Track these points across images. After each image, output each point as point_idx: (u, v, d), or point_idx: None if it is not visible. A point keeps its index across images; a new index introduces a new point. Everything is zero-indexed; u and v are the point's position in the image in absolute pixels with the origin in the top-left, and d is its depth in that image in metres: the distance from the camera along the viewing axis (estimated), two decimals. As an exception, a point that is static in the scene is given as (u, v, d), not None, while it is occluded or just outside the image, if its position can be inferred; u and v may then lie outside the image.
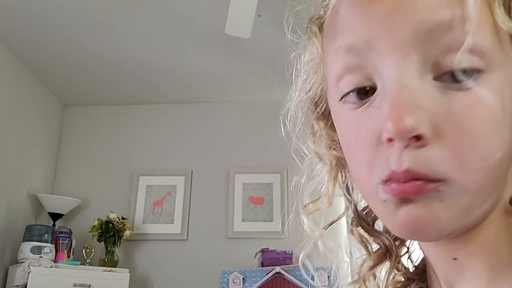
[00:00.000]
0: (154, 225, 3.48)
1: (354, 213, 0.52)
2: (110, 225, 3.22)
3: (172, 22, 2.82)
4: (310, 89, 0.48)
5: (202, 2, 2.65)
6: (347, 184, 0.51)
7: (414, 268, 0.51)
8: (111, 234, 3.21)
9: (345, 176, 0.51)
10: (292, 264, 3.03)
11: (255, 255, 3.21)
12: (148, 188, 3.57)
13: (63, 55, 3.16)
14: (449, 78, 0.34)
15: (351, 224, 0.52)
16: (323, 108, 0.48)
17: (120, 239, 3.25)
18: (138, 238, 3.42)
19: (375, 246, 0.51)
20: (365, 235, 0.51)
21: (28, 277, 2.69)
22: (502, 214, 0.39)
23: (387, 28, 0.35)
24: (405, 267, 0.51)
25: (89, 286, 2.87)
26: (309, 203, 0.53)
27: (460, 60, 0.33)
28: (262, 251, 3.13)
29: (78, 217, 3.46)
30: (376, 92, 0.37)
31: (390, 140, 0.34)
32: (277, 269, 2.95)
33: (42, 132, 3.50)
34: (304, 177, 0.54)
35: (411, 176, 0.34)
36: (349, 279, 0.52)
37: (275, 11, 2.68)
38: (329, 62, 0.42)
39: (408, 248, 0.52)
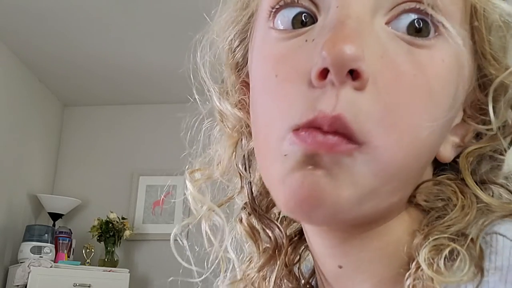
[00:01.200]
0: (154, 225, 3.48)
1: (248, 193, 0.42)
2: (110, 225, 3.22)
3: (172, 22, 2.82)
4: (233, 27, 0.40)
5: (202, 2, 2.64)
6: (244, 157, 0.42)
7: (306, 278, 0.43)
8: (111, 234, 3.21)
9: (246, 147, 0.42)
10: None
11: (255, 255, 3.21)
12: (148, 188, 3.56)
13: (63, 55, 3.16)
14: (404, 28, 0.30)
15: (242, 209, 0.43)
16: (239, 58, 0.41)
17: (120, 239, 3.25)
18: (138, 238, 3.41)
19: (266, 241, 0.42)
20: (257, 225, 0.42)
21: (28, 277, 2.69)
22: (406, 220, 0.33)
23: None
24: (299, 274, 0.42)
25: (89, 286, 2.87)
26: (199, 169, 0.45)
27: (423, 6, 0.29)
28: (262, 251, 3.13)
29: (78, 217, 3.46)
30: (314, 25, 0.31)
31: (322, 74, 0.28)
32: (277, 269, 2.95)
33: (42, 132, 3.49)
34: (200, 145, 0.46)
35: (337, 127, 0.27)
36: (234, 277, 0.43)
37: (275, 11, 2.68)
38: None
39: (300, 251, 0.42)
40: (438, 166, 0.35)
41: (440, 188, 0.33)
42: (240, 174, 0.43)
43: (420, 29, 0.30)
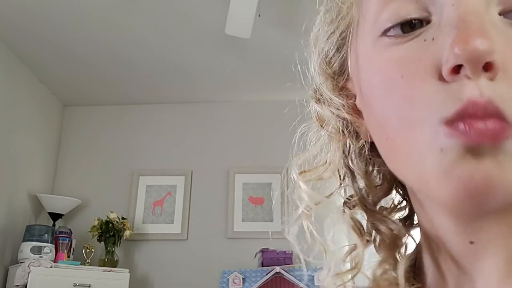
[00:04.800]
0: (154, 225, 3.48)
1: (356, 191, 0.44)
2: (110, 225, 3.22)
3: (172, 22, 2.82)
4: (328, 38, 0.42)
5: (202, 2, 2.65)
6: (350, 158, 0.44)
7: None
8: (111, 234, 3.21)
9: (351, 145, 0.44)
10: (292, 264, 3.03)
11: (255, 255, 3.21)
12: (148, 188, 3.57)
13: (63, 55, 3.16)
14: None
15: (344, 204, 0.45)
16: (336, 67, 0.43)
17: (120, 239, 3.25)
18: (138, 238, 3.42)
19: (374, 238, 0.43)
20: (360, 218, 0.44)
21: (28, 277, 2.70)
22: None
23: None
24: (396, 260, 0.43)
25: (89, 286, 2.87)
26: (308, 170, 0.46)
27: None
28: (262, 251, 3.13)
29: (78, 217, 3.46)
30: (428, 26, 0.32)
31: (455, 70, 0.29)
32: (277, 269, 2.95)
33: (42, 132, 3.50)
34: (295, 149, 0.48)
35: (493, 111, 0.28)
36: (345, 267, 0.44)
37: (275, 11, 2.68)
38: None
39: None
40: None
41: None
42: (348, 172, 0.45)
43: None
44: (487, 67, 0.28)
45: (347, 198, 0.45)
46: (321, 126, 0.46)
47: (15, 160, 3.14)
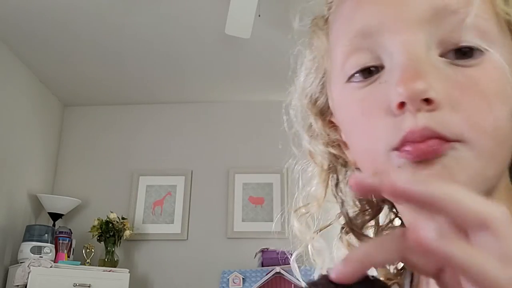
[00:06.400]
0: (154, 225, 3.48)
1: (345, 216, 0.51)
2: (110, 225, 3.22)
3: (173, 22, 2.82)
4: (311, 84, 0.49)
5: (202, 2, 2.65)
6: (339, 188, 0.51)
7: (395, 270, 0.50)
8: (111, 234, 3.21)
9: (337, 178, 0.51)
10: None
11: (255, 255, 3.21)
12: (148, 188, 3.57)
13: (63, 55, 3.16)
14: (453, 55, 0.36)
15: (341, 231, 0.52)
16: (321, 105, 0.49)
17: (120, 239, 3.25)
18: (138, 238, 3.42)
19: None
20: (354, 242, 0.50)
21: (28, 277, 2.69)
22: (506, 196, 0.39)
23: (398, 9, 0.38)
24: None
25: (89, 286, 2.87)
26: (300, 207, 0.53)
27: (465, 36, 0.36)
28: (262, 251, 3.13)
29: (78, 217, 3.46)
30: (383, 71, 0.38)
31: (401, 105, 0.35)
32: (277, 269, 2.95)
33: (42, 132, 3.50)
34: (300, 181, 0.54)
35: (429, 135, 0.34)
36: None
37: (275, 11, 2.68)
38: (335, 51, 0.44)
39: None
40: None
41: None
42: (337, 200, 0.51)
43: (466, 53, 0.36)
44: (428, 101, 0.34)
45: (343, 225, 0.51)
46: (312, 160, 0.52)
47: (15, 160, 3.14)
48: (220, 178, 3.56)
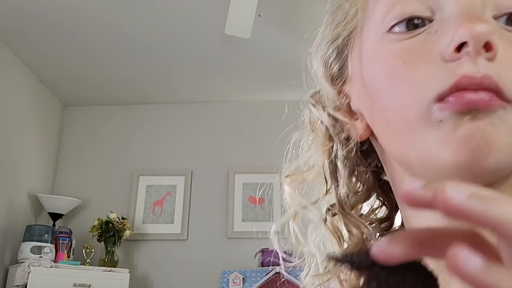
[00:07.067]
0: (154, 225, 3.48)
1: (337, 195, 0.47)
2: (110, 225, 3.22)
3: (173, 22, 2.82)
4: (331, 43, 0.46)
5: (202, 2, 2.65)
6: (333, 163, 0.48)
7: None
8: (111, 234, 3.21)
9: (338, 150, 0.47)
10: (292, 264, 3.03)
11: (255, 255, 3.21)
12: (148, 188, 3.57)
13: (64, 55, 3.16)
14: (504, 21, 0.35)
15: (327, 211, 0.48)
16: (336, 70, 0.46)
17: (120, 239, 3.25)
18: (138, 238, 3.42)
19: (347, 242, 0.47)
20: (341, 227, 0.47)
21: (28, 277, 2.69)
22: None
23: None
24: None
25: (89, 286, 2.87)
26: (297, 173, 0.50)
27: None
28: (262, 251, 3.13)
29: (78, 217, 3.46)
30: (431, 23, 0.36)
31: (459, 48, 0.32)
32: (277, 269, 2.95)
33: (42, 132, 3.50)
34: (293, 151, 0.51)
35: (487, 84, 0.32)
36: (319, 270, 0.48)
37: (275, 11, 2.68)
38: (375, 2, 0.41)
39: None
40: None
41: None
42: (331, 178, 0.48)
43: None
44: (487, 46, 0.32)
45: (330, 206, 0.48)
46: (312, 131, 0.49)
47: (15, 160, 3.14)
48: (220, 178, 3.56)
